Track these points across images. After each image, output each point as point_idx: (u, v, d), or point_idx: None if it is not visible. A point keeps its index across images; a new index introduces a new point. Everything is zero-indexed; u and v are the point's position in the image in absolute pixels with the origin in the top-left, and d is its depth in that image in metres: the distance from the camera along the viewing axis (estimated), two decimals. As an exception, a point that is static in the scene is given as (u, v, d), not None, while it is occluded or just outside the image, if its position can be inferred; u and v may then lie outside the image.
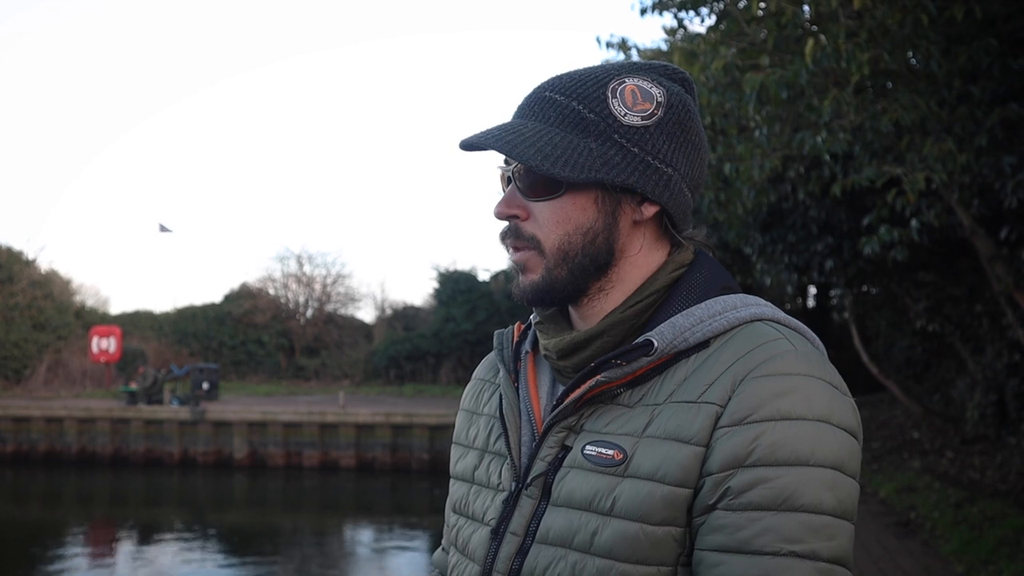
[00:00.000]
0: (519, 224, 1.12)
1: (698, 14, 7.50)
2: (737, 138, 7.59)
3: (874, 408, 15.27)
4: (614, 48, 8.93)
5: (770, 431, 0.97)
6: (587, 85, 1.11)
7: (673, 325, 1.06)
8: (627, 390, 1.07)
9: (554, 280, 1.10)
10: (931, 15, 5.18)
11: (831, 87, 5.65)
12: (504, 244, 1.15)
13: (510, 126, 1.10)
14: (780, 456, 0.96)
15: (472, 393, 1.32)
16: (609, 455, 1.04)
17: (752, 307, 1.09)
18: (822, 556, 0.95)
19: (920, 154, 6.06)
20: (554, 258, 1.10)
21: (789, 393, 0.98)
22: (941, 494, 8.80)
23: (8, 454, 20.20)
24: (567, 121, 1.09)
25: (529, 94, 1.15)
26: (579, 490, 1.05)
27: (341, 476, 18.93)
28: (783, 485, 0.95)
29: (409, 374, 26.38)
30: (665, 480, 1.00)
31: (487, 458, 1.20)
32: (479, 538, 1.15)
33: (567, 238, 1.09)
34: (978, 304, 11.08)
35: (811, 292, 19.62)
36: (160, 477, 19.06)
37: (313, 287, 29.57)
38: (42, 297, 26.91)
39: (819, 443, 0.97)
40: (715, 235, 12.58)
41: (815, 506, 0.95)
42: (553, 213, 1.10)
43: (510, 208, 1.12)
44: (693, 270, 1.13)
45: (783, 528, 0.94)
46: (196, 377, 21.35)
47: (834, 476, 0.97)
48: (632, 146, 1.09)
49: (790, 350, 1.03)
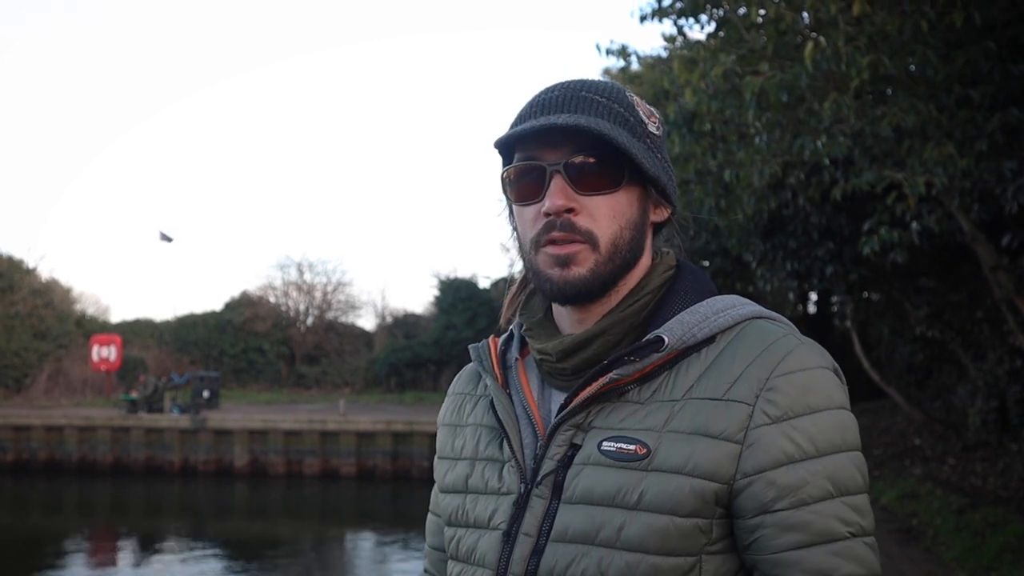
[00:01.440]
0: (572, 218, 1.11)
1: (697, 21, 7.50)
2: (737, 144, 7.59)
3: (875, 415, 15.24)
4: (614, 55, 8.94)
5: (806, 426, 1.04)
6: (614, 91, 1.16)
7: (681, 322, 1.10)
8: (636, 387, 1.10)
9: (601, 274, 1.12)
10: (930, 21, 5.19)
11: (831, 91, 5.66)
12: (544, 240, 1.12)
13: (582, 117, 1.10)
14: (821, 447, 1.04)
15: (452, 408, 1.32)
16: (631, 450, 1.06)
17: (748, 306, 1.15)
18: (868, 530, 1.05)
19: (920, 159, 6.06)
20: (607, 252, 1.12)
21: (813, 386, 1.06)
22: (943, 501, 8.77)
23: (8, 463, 20.17)
24: (617, 120, 1.13)
25: (558, 94, 1.15)
26: (599, 486, 1.06)
27: (342, 484, 18.91)
28: (829, 474, 1.03)
29: (410, 382, 26.37)
30: (695, 473, 1.03)
31: (479, 465, 1.20)
32: (488, 543, 1.14)
33: (620, 232, 1.13)
34: (979, 310, 11.07)
35: (812, 299, 19.60)
36: (161, 485, 19.03)
37: (314, 295, 29.59)
38: (43, 306, 26.91)
39: (845, 429, 1.06)
40: (715, 241, 12.58)
41: (857, 487, 1.05)
42: (610, 208, 1.12)
43: (569, 201, 1.11)
44: (683, 272, 1.19)
45: (841, 513, 1.03)
46: (197, 385, 21.34)
47: (858, 456, 1.07)
48: (657, 151, 1.17)
49: (799, 344, 1.09)
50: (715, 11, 6.62)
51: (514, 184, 1.16)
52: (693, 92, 6.64)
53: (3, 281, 26.88)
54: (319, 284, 29.73)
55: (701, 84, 6.50)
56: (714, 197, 8.41)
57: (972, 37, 5.71)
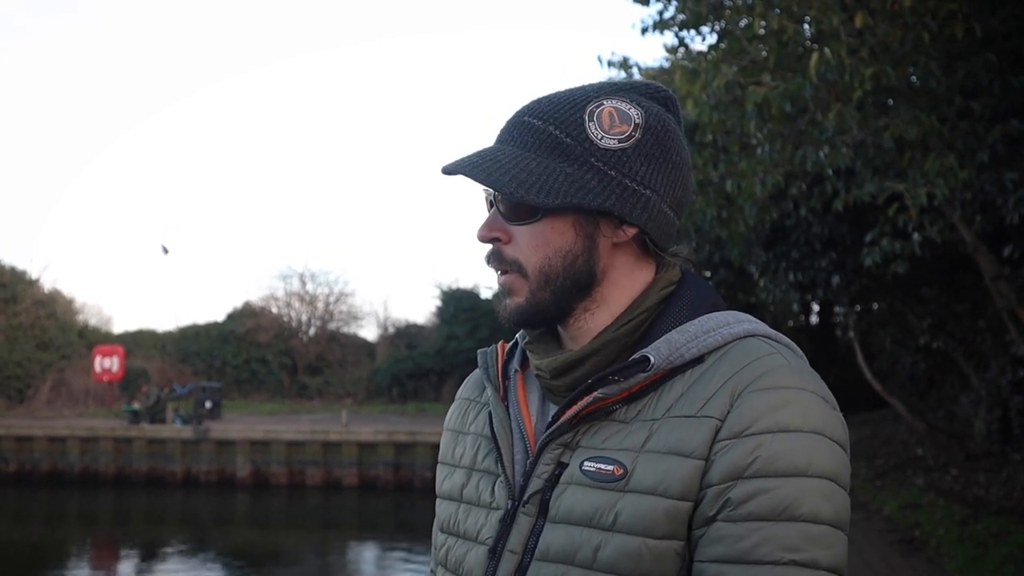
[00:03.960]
0: (501, 248, 1.13)
1: (699, 33, 7.55)
2: (739, 155, 7.62)
3: (877, 425, 15.21)
4: (615, 67, 8.99)
5: (768, 443, 0.98)
6: (565, 109, 1.12)
7: (668, 341, 1.07)
8: (623, 406, 1.08)
9: (538, 302, 1.11)
10: (932, 32, 5.22)
11: (834, 102, 5.68)
12: (489, 267, 1.16)
13: (488, 152, 1.11)
14: (779, 467, 0.98)
15: (457, 413, 1.31)
16: (609, 470, 1.04)
17: (744, 323, 1.11)
18: (821, 564, 0.96)
19: (922, 170, 6.08)
20: (536, 281, 1.11)
21: (786, 406, 1.00)
22: (945, 511, 8.76)
23: (11, 473, 20.16)
24: (544, 146, 1.10)
25: (509, 119, 1.16)
26: (579, 506, 1.05)
27: (344, 495, 18.88)
28: (783, 495, 0.97)
29: (412, 392, 26.35)
30: (667, 494, 1.00)
31: (475, 476, 1.20)
32: (475, 557, 1.14)
33: (547, 261, 1.10)
34: (981, 320, 11.08)
35: (814, 309, 19.60)
36: (163, 496, 19.01)
37: (316, 305, 29.60)
38: (45, 317, 26.94)
39: (815, 454, 0.99)
40: (718, 253, 12.60)
41: (814, 516, 0.97)
42: (532, 237, 1.11)
43: (492, 231, 1.13)
44: (682, 288, 1.15)
45: (783, 537, 0.96)
46: (199, 396, 21.33)
47: (830, 487, 0.99)
48: (609, 169, 1.09)
49: (785, 364, 1.04)
50: (717, 23, 6.66)
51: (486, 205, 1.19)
52: (695, 103, 6.68)
53: (6, 292, 26.92)
54: (321, 295, 29.75)
55: (703, 95, 6.54)
56: (716, 208, 8.44)
57: (973, 49, 5.75)
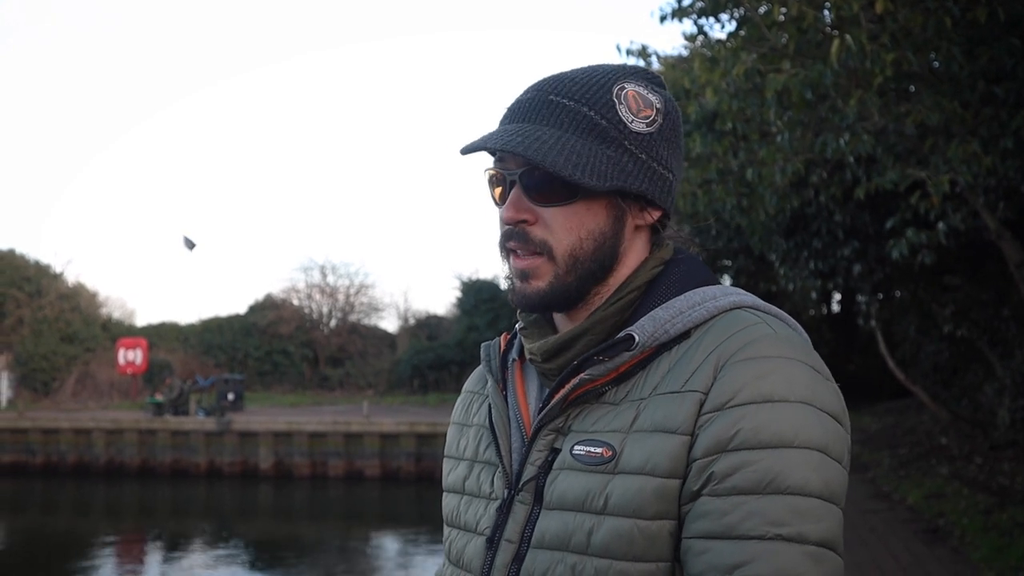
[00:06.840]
0: (527, 229, 1.09)
1: (718, 20, 7.49)
2: (759, 143, 7.57)
3: (901, 414, 15.10)
4: (634, 55, 8.94)
5: (752, 414, 0.95)
6: (592, 90, 1.09)
7: (653, 318, 1.05)
8: (612, 387, 1.06)
9: (563, 287, 1.09)
10: (954, 17, 5.15)
11: (854, 89, 5.63)
12: (505, 250, 1.12)
13: (527, 131, 1.07)
14: (763, 438, 0.94)
15: (462, 406, 1.31)
16: (598, 453, 1.02)
17: (732, 296, 1.08)
18: (810, 539, 0.92)
19: (944, 156, 6.02)
20: (565, 264, 1.08)
21: (769, 375, 0.97)
22: (970, 500, 8.69)
23: (38, 465, 20.41)
24: (581, 127, 1.07)
25: (529, 97, 1.12)
26: (571, 491, 1.03)
27: (366, 485, 18.98)
28: (767, 467, 0.93)
29: (433, 383, 26.42)
30: (655, 472, 0.98)
31: (477, 468, 1.19)
32: (474, 548, 1.13)
33: (579, 243, 1.08)
34: (1006, 308, 10.95)
35: (835, 298, 19.47)
36: (187, 488, 19.18)
37: (337, 297, 29.73)
38: (70, 310, 27.22)
39: (802, 424, 0.95)
40: (738, 240, 12.53)
41: (801, 488, 0.93)
42: (566, 219, 1.08)
43: (520, 213, 1.09)
44: (672, 266, 1.13)
45: (769, 511, 0.92)
46: (222, 388, 21.49)
47: (820, 458, 0.95)
48: (640, 152, 1.09)
49: (770, 334, 1.02)
50: (736, 10, 6.60)
51: (490, 186, 1.15)
52: (714, 91, 6.63)
53: (31, 286, 27.21)
54: (342, 287, 29.90)
55: (722, 83, 6.49)
56: (736, 196, 8.38)
57: (996, 33, 5.67)
